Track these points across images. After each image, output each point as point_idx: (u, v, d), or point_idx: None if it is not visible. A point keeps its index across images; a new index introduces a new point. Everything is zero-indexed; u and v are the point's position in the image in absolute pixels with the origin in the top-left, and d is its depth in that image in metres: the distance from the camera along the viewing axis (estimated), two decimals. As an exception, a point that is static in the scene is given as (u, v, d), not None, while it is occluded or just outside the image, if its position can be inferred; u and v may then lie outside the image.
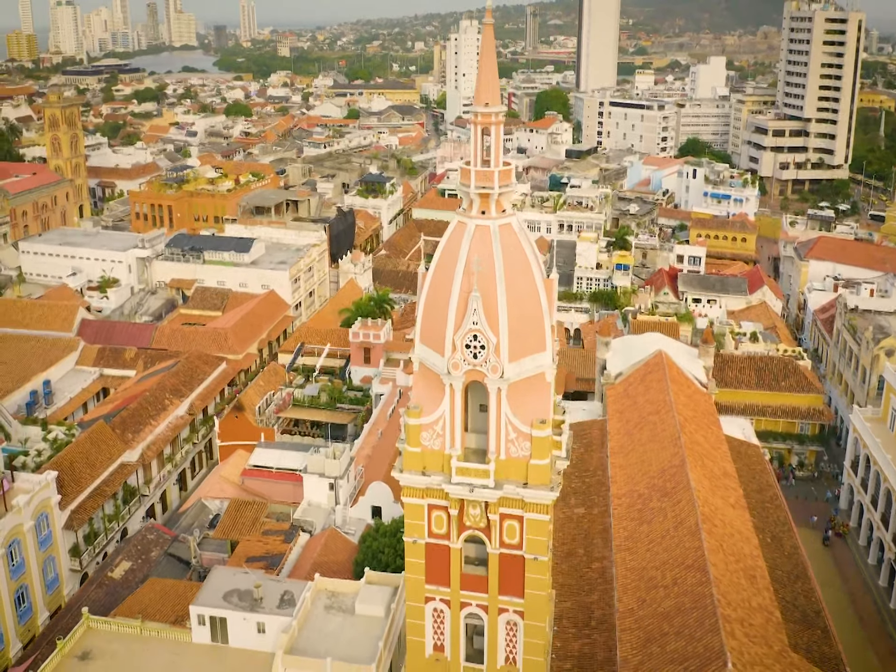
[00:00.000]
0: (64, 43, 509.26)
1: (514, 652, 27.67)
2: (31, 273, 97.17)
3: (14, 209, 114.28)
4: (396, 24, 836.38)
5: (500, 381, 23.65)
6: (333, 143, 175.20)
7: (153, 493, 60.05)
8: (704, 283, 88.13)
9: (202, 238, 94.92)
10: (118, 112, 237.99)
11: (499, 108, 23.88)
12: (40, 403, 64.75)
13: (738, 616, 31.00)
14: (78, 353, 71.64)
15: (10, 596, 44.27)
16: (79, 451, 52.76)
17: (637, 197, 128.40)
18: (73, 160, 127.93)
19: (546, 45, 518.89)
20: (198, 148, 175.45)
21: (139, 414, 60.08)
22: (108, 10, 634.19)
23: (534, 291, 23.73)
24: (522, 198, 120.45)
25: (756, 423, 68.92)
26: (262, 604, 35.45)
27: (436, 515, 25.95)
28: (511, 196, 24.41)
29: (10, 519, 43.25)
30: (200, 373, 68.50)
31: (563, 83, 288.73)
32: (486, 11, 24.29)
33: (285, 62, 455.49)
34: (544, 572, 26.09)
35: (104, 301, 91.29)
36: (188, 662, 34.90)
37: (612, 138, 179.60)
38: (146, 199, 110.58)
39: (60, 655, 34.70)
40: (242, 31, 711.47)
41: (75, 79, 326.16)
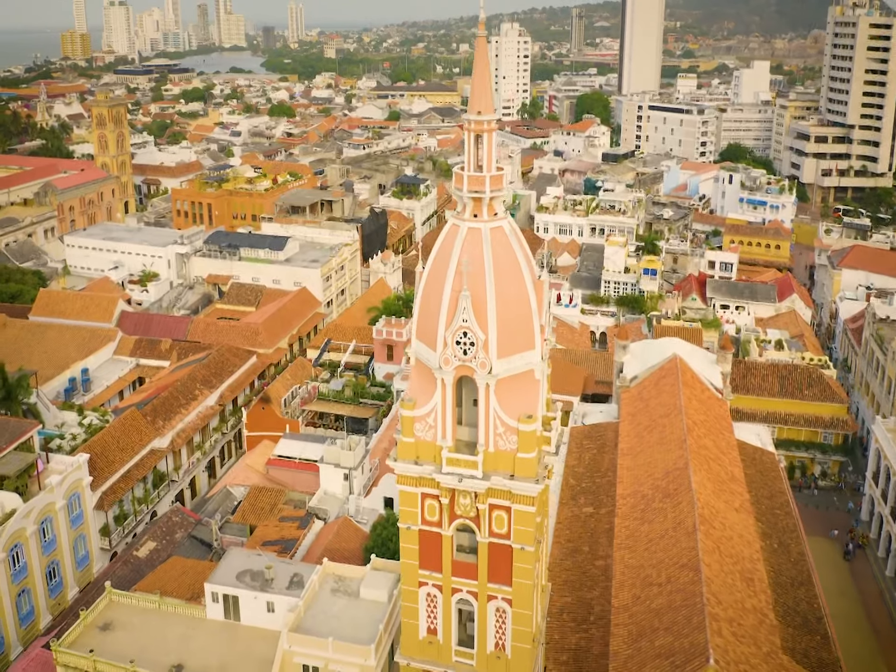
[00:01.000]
0: (116, 42, 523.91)
1: (504, 638, 28.86)
2: (75, 266, 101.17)
3: (62, 204, 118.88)
4: (442, 25, 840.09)
5: (488, 377, 24.88)
6: (373, 144, 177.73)
7: (182, 479, 62.46)
8: (733, 290, 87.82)
9: (239, 235, 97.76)
10: (166, 111, 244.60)
11: (491, 117, 25.10)
12: (78, 390, 67.71)
13: (727, 615, 31.64)
14: (116, 343, 74.60)
15: (42, 570, 46.82)
16: (111, 436, 55.35)
17: (672, 202, 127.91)
18: (119, 157, 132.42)
19: (591, 48, 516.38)
20: (241, 148, 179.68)
21: (170, 403, 62.56)
22: (160, 11, 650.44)
23: (523, 292, 24.89)
24: (555, 201, 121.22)
25: (778, 431, 68.91)
26: (273, 584, 37.17)
27: (428, 503, 27.29)
28: (501, 200, 25.53)
29: (42, 497, 45.79)
30: (230, 365, 70.88)
31: (607, 86, 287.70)
32: (479, 24, 25.52)
33: (331, 63, 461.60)
34: (531, 562, 27.18)
35: (144, 294, 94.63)
36: (202, 637, 36.80)
37: (651, 142, 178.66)
38: (187, 196, 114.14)
39: (83, 625, 36.91)
40: (290, 32, 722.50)
41: (126, 78, 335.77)
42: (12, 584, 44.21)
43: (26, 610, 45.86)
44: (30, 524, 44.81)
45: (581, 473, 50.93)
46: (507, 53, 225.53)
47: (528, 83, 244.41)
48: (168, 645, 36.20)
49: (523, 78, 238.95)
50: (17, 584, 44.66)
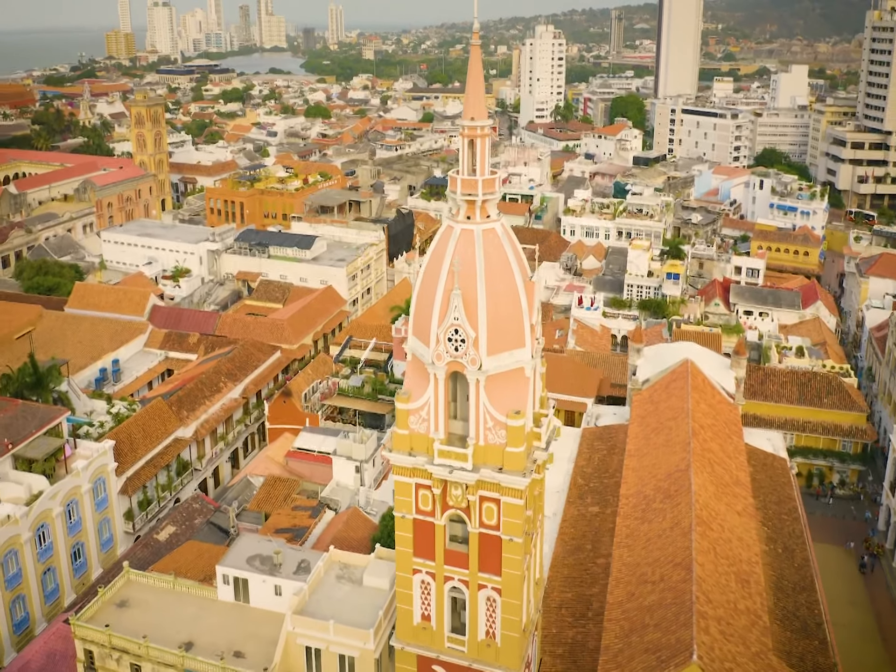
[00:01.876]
0: (160, 42, 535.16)
1: (494, 627, 29.86)
2: (111, 260, 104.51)
3: (100, 200, 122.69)
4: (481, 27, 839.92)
5: (478, 373, 25.96)
6: (405, 146, 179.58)
7: (205, 468, 64.54)
8: (757, 296, 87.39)
9: (268, 234, 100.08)
10: (205, 111, 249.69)
11: (484, 122, 26.16)
12: (109, 380, 70.35)
13: (716, 614, 32.22)
14: (146, 335, 77.21)
15: (67, 550, 49.08)
16: (137, 424, 57.58)
17: (701, 206, 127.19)
18: (157, 156, 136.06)
19: (630, 50, 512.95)
20: (276, 148, 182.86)
21: (195, 394, 64.70)
22: (203, 12, 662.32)
23: (514, 292, 25.90)
24: (582, 203, 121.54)
25: (796, 438, 68.74)
26: (281, 569, 38.68)
27: (422, 493, 28.43)
28: (494, 202, 26.55)
29: (69, 481, 48.02)
30: (255, 359, 72.91)
31: (644, 89, 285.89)
32: (473, 34, 26.61)
33: (368, 65, 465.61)
34: (519, 553, 28.15)
35: (176, 289, 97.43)
36: (212, 617, 38.45)
37: (684, 146, 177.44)
38: (220, 195, 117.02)
39: (101, 602, 38.82)
40: (330, 33, 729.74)
41: (168, 78, 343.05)
42: (38, 562, 46.45)
43: (51, 587, 48.10)
44: (56, 505, 47.03)
45: (590, 474, 51.66)
46: (542, 56, 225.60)
47: (562, 85, 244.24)
48: (180, 623, 37.91)
49: (557, 80, 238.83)
50: (43, 563, 46.91)
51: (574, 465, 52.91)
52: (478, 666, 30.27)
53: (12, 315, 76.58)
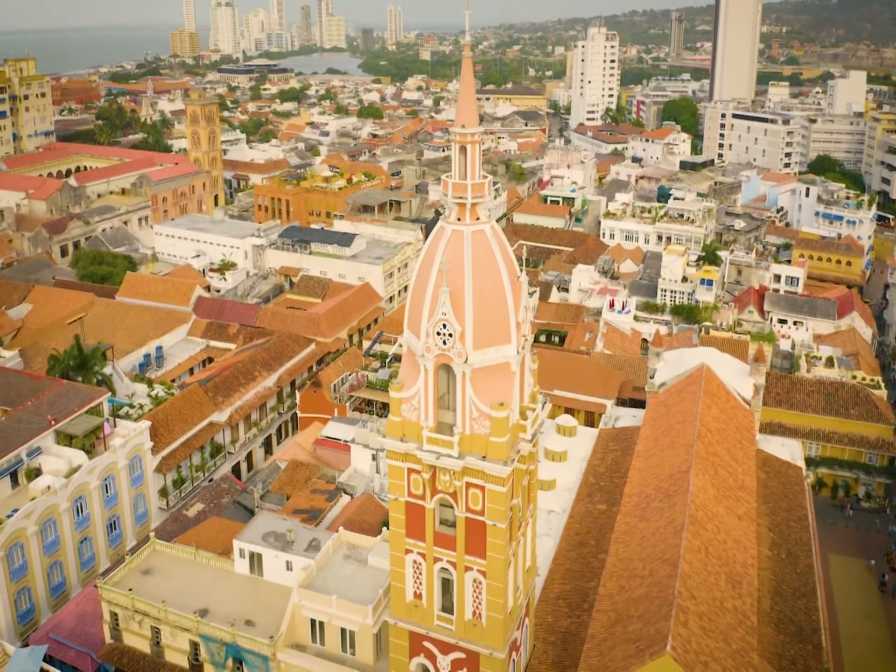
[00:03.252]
0: (222, 42, 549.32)
1: (480, 608, 31.55)
2: (163, 253, 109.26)
3: (155, 195, 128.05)
4: (539, 28, 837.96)
5: (464, 366, 27.71)
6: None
7: (238, 452, 67.57)
8: (792, 305, 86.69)
9: (311, 231, 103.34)
10: (262, 110, 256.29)
11: (475, 130, 27.85)
12: (152, 365, 74.15)
13: (699, 610, 33.22)
14: (189, 325, 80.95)
15: (104, 521, 52.46)
16: (174, 407, 60.91)
17: (745, 213, 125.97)
18: (211, 154, 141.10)
19: (690, 52, 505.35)
20: (327, 147, 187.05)
21: (230, 381, 67.83)
22: (266, 12, 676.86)
23: (500, 290, 27.56)
24: (623, 207, 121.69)
25: (821, 448, 68.35)
26: (293, 546, 41.12)
27: (413, 478, 30.31)
28: (485, 206, 28.23)
29: (106, 457, 51.39)
30: (290, 351, 75.84)
31: (700, 92, 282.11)
32: (465, 47, 28.33)
33: (424, 66, 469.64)
34: (503, 538, 29.76)
35: (222, 282, 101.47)
36: (228, 587, 41.12)
37: (734, 151, 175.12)
38: (268, 192, 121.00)
39: (127, 569, 41.88)
40: (389, 34, 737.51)
41: (229, 76, 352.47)
42: (75, 531, 49.85)
43: (87, 556, 51.45)
44: (93, 479, 50.41)
45: (601, 473, 52.78)
46: (594, 58, 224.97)
47: (613, 88, 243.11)
48: (198, 591, 40.67)
49: (609, 82, 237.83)
50: (80, 532, 50.31)
51: (587, 464, 54.11)
52: (464, 644, 31.99)
53: (66, 301, 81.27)
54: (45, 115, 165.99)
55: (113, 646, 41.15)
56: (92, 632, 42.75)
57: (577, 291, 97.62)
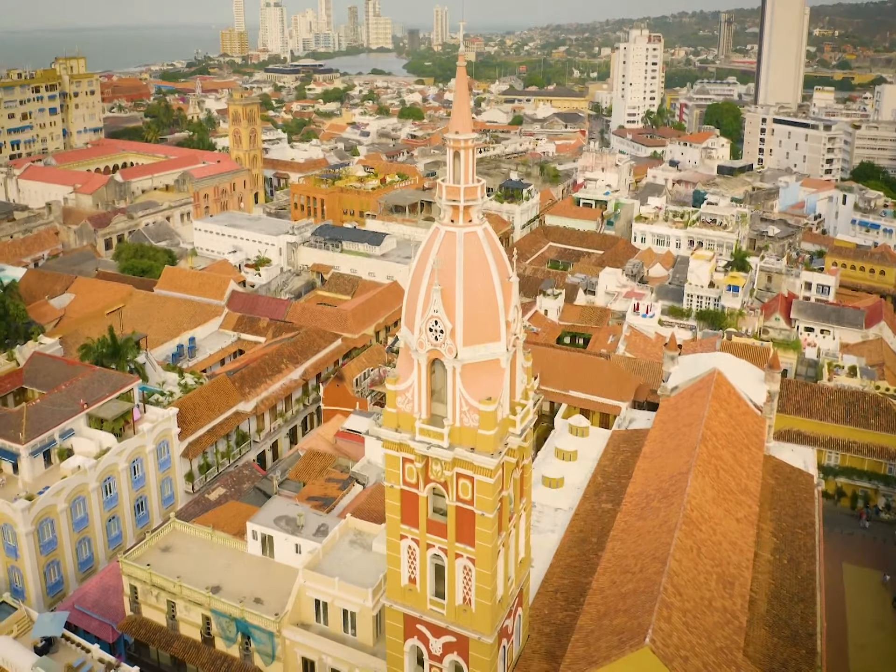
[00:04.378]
0: (271, 42, 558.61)
1: (469, 594, 33.00)
2: (201, 248, 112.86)
3: (197, 192, 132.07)
4: (586, 28, 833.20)
5: (455, 361, 29.18)
6: (489, 148, 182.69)
7: (263, 441, 69.97)
8: (819, 313, 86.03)
9: (343, 229, 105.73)
10: (306, 110, 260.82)
11: (468, 136, 29.31)
12: (185, 356, 77.08)
13: (684, 607, 34.09)
14: (222, 318, 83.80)
15: (131, 501, 55.23)
16: (201, 396, 63.53)
17: (781, 219, 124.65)
18: (251, 152, 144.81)
19: (739, 54, 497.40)
20: (366, 147, 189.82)
21: (257, 373, 70.31)
22: (314, 12, 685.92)
23: (490, 290, 28.96)
24: (655, 211, 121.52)
25: (841, 458, 68.02)
26: (302, 530, 43.09)
27: (408, 467, 31.89)
28: (478, 209, 29.61)
29: (135, 440, 54.13)
30: (316, 345, 78.13)
31: (746, 95, 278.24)
32: (459, 57, 29.80)
33: (469, 67, 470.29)
34: (491, 527, 31.15)
35: (257, 277, 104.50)
36: (240, 567, 43.28)
37: (775, 157, 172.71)
38: (304, 191, 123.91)
39: (148, 545, 44.36)
40: (435, 34, 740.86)
41: (275, 76, 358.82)
42: (104, 510, 52.66)
43: (115, 533, 54.26)
44: (122, 461, 53.17)
45: (610, 473, 53.71)
46: (635, 60, 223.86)
47: (655, 90, 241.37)
48: (212, 569, 42.91)
49: (650, 85, 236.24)
50: (108, 511, 53.12)
51: (597, 464, 55.09)
52: (455, 628, 33.49)
53: (106, 292, 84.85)
54: (93, 112, 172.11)
55: (132, 618, 43.62)
56: (113, 604, 45.31)
57: (603, 294, 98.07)
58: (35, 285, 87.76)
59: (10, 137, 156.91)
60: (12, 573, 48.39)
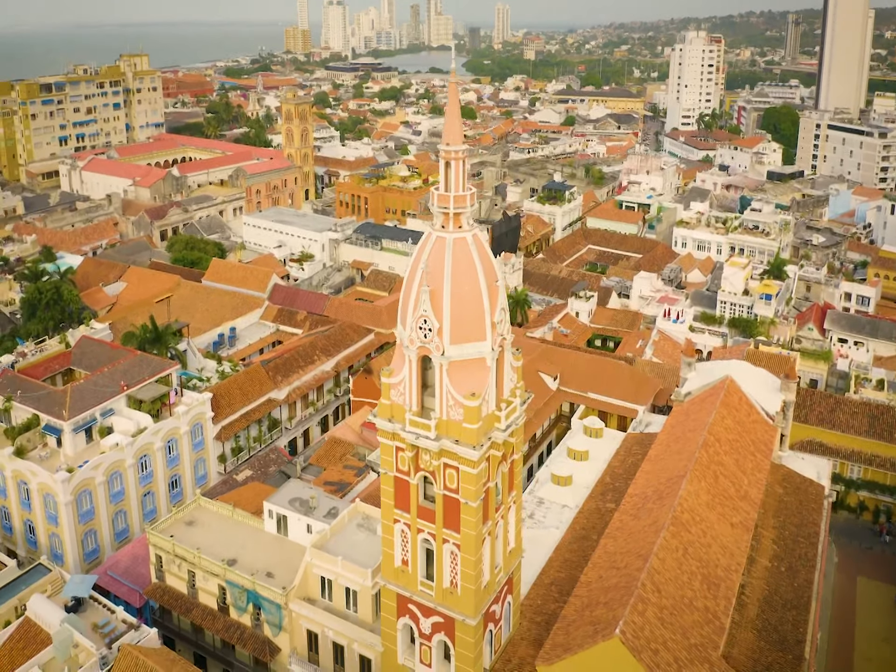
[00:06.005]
0: (333, 39, 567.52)
1: (456, 578, 35.17)
2: (250, 242, 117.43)
3: (250, 187, 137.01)
4: (650, 27, 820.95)
5: (442, 358, 31.37)
6: (538, 148, 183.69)
7: (295, 428, 73.22)
8: (853, 324, 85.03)
9: (383, 228, 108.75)
10: (362, 108, 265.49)
11: (458, 148, 31.40)
12: (225, 344, 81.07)
13: (661, 603, 35.51)
14: (262, 309, 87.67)
15: (166, 479, 59.04)
16: (236, 383, 67.14)
17: (827, 228, 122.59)
18: (303, 150, 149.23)
19: (806, 56, 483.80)
20: (416, 147, 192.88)
21: (290, 363, 73.66)
22: (377, 10, 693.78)
23: (477, 292, 31.05)
24: (698, 216, 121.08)
25: (863, 471, 67.62)
26: (314, 512, 45.89)
27: (400, 455, 34.24)
28: (467, 215, 31.64)
29: (170, 422, 57.90)
30: (349, 339, 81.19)
31: (809, 99, 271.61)
32: (451, 72, 31.95)
33: (527, 65, 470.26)
34: (474, 516, 33.24)
35: (300, 271, 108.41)
36: (256, 543, 46.31)
37: (828, 164, 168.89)
38: (349, 189, 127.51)
39: (174, 519, 47.81)
40: (496, 32, 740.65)
41: (334, 74, 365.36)
42: (139, 485, 56.56)
43: (150, 508, 58.14)
44: (157, 440, 56.98)
45: (619, 474, 55.09)
46: (691, 62, 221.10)
47: (711, 92, 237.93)
48: (230, 543, 46.06)
49: (707, 87, 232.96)
50: (143, 487, 57.01)
51: (608, 465, 56.56)
52: (442, 609, 35.71)
53: (156, 282, 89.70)
54: (155, 107, 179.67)
55: (157, 584, 47.15)
56: (142, 572, 48.94)
57: (637, 298, 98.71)
58: (91, 273, 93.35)
59: (76, 130, 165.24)
60: (53, 539, 52.62)
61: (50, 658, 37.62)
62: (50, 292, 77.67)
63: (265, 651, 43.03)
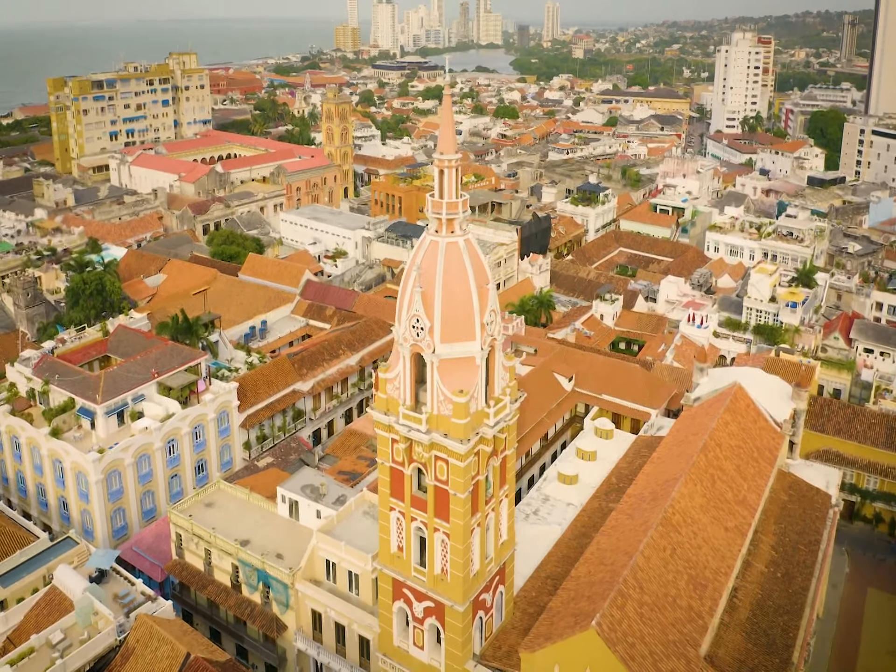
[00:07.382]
0: (382, 38, 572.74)
1: (446, 565, 37.11)
2: (287, 238, 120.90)
3: (290, 185, 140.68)
4: (704, 26, 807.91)
5: (433, 356, 33.31)
6: (577, 149, 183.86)
7: (319, 419, 75.90)
8: (880, 334, 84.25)
9: (414, 227, 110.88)
10: (405, 107, 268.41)
11: (451, 157, 33.30)
12: (256, 337, 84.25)
13: (642, 599, 36.79)
14: (293, 304, 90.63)
15: (192, 463, 62.18)
16: (262, 374, 70.07)
17: (865, 236, 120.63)
18: (342, 149, 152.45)
19: (862, 58, 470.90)
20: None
21: (316, 356, 76.36)
22: (426, 9, 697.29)
23: (467, 294, 32.89)
24: (731, 221, 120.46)
25: (879, 483, 67.41)
26: (323, 499, 48.31)
27: (395, 447, 36.31)
28: (459, 221, 33.50)
29: (197, 408, 61.01)
30: (373, 335, 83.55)
31: (861, 102, 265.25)
32: (446, 86, 33.72)
33: (574, 64, 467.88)
34: (463, 507, 35.11)
35: (333, 268, 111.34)
36: (269, 526, 48.98)
37: (873, 170, 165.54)
38: (384, 188, 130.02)
39: (193, 500, 50.77)
40: (545, 31, 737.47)
41: (381, 72, 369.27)
42: (167, 468, 59.80)
43: (176, 490, 61.31)
44: (185, 426, 60.13)
45: (625, 475, 56.26)
46: (737, 63, 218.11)
47: (757, 94, 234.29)
48: (244, 525, 48.80)
49: (752, 89, 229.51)
50: (171, 469, 60.23)
51: (615, 466, 57.78)
52: (433, 595, 37.71)
53: (194, 275, 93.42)
54: (203, 104, 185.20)
55: (177, 561, 50.16)
56: (164, 549, 52.03)
57: (664, 302, 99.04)
58: (134, 264, 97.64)
59: (126, 126, 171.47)
60: (84, 516, 56.14)
61: (72, 623, 40.70)
62: (94, 283, 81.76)
63: (273, 628, 45.61)
